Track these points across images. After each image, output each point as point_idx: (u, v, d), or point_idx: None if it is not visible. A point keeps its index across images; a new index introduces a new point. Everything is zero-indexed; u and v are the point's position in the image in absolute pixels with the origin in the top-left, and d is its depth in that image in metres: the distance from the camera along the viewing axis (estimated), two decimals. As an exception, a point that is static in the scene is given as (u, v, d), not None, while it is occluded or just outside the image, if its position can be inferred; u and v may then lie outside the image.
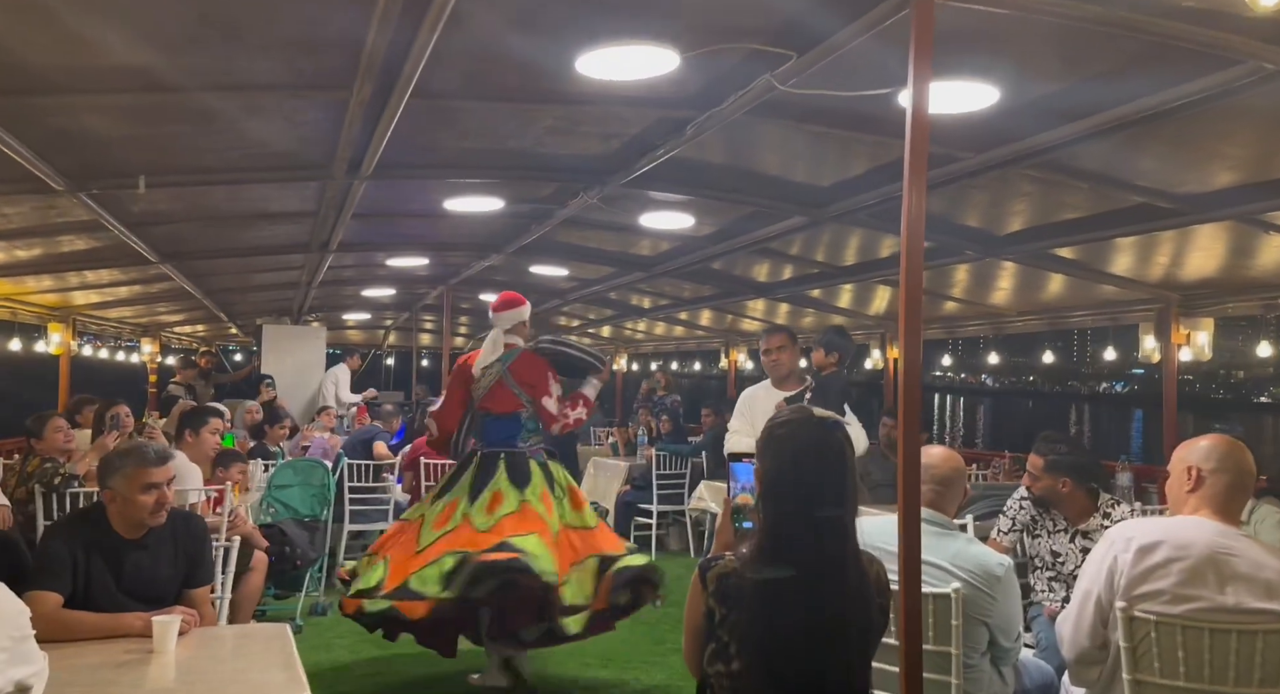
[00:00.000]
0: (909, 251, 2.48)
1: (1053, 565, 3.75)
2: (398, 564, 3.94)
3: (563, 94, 3.37)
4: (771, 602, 1.80)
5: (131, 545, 2.71)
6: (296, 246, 6.46)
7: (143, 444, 2.82)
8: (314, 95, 3.16)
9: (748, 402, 4.61)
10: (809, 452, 1.89)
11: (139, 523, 2.72)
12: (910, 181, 2.48)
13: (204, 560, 2.88)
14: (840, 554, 1.85)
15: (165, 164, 3.92)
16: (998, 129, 3.54)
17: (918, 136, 2.45)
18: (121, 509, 2.69)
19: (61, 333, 7.89)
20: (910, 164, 2.47)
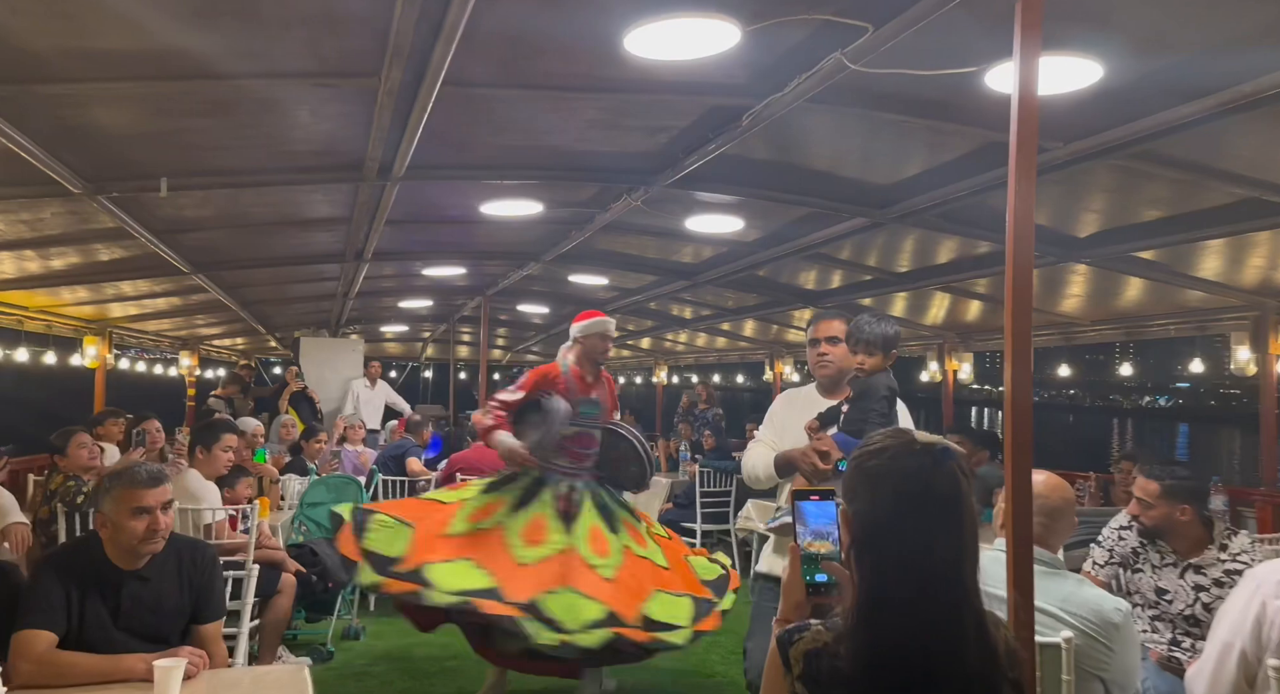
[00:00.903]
0: (1017, 254, 2.14)
1: (1157, 604, 3.33)
2: (421, 539, 3.69)
3: (608, 80, 3.08)
4: (879, 687, 1.41)
5: (130, 577, 2.45)
6: (331, 256, 6.26)
7: (134, 464, 2.56)
8: (340, 83, 2.91)
9: (786, 406, 3.31)
10: (916, 490, 1.42)
11: (134, 551, 2.46)
12: (1017, 173, 2.13)
13: (213, 593, 2.61)
14: (960, 621, 1.42)
15: (186, 165, 3.71)
16: (1095, 113, 3.16)
17: (1025, 119, 2.11)
18: (113, 536, 2.44)
19: (97, 346, 7.79)
20: (1017, 153, 2.12)
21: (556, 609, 3.46)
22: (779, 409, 3.25)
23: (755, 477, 3.13)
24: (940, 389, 8.20)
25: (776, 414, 3.25)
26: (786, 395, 3.34)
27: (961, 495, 1.43)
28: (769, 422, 3.24)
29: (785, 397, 3.33)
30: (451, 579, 3.50)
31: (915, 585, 1.38)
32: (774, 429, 3.20)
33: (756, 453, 3.13)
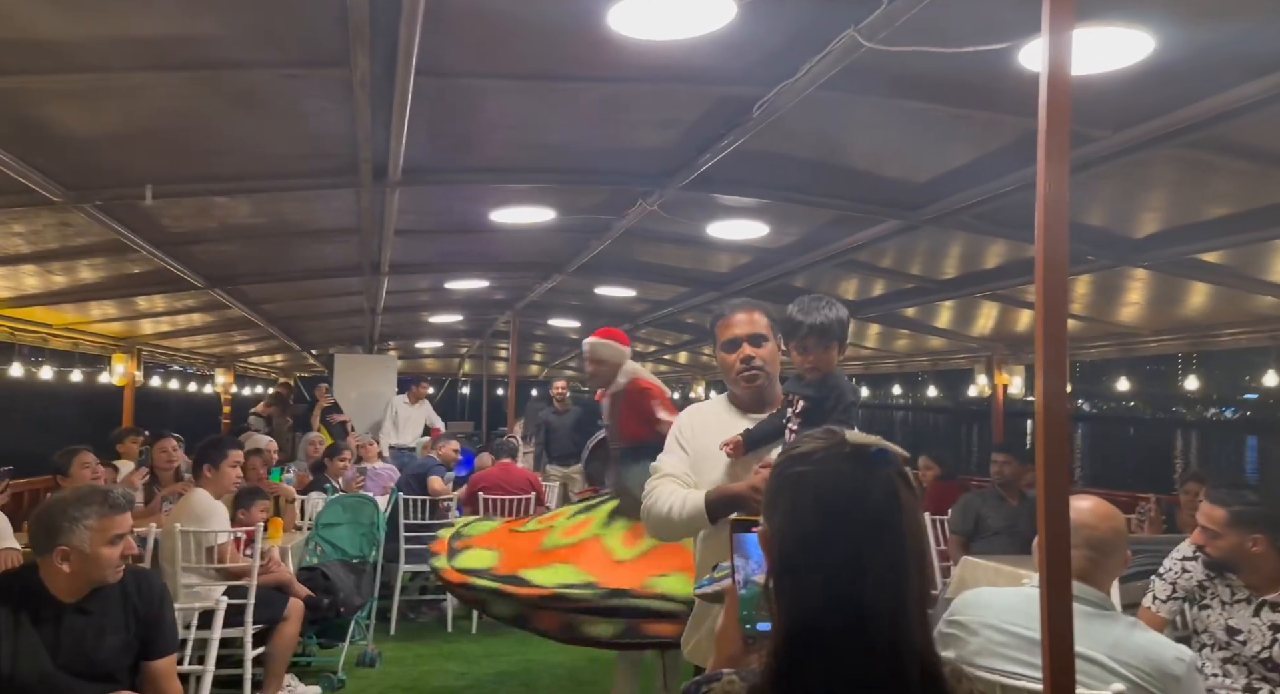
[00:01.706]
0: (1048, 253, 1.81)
1: (1228, 645, 2.93)
2: (512, 555, 3.70)
3: (599, 66, 2.84)
4: None
5: (71, 611, 2.26)
6: (348, 269, 6.14)
7: (102, 489, 2.38)
8: (308, 74, 2.72)
9: (698, 428, 2.48)
10: (843, 501, 1.11)
11: (91, 582, 2.28)
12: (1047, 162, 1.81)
13: (163, 625, 2.41)
14: (900, 668, 1.07)
15: (168, 171, 3.57)
16: (1149, 95, 2.81)
17: (1056, 99, 1.79)
18: (79, 567, 2.25)
19: (125, 363, 7.80)
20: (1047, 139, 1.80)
21: (665, 587, 3.30)
22: (688, 431, 2.43)
23: (669, 522, 2.30)
24: (989, 404, 7.75)
25: (686, 438, 2.43)
26: (693, 413, 2.55)
27: (900, 507, 1.11)
28: (673, 448, 2.43)
29: (692, 415, 2.53)
30: (546, 578, 3.46)
31: (843, 621, 1.06)
32: (685, 458, 2.40)
33: (668, 491, 2.30)
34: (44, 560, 2.27)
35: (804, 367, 2.31)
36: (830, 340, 2.30)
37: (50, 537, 2.26)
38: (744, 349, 2.39)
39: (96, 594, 2.29)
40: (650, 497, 2.35)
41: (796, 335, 2.32)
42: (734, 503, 2.19)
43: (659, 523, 2.34)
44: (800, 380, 2.32)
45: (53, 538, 2.25)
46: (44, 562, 2.27)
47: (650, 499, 2.34)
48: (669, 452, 2.44)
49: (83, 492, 2.36)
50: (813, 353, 2.29)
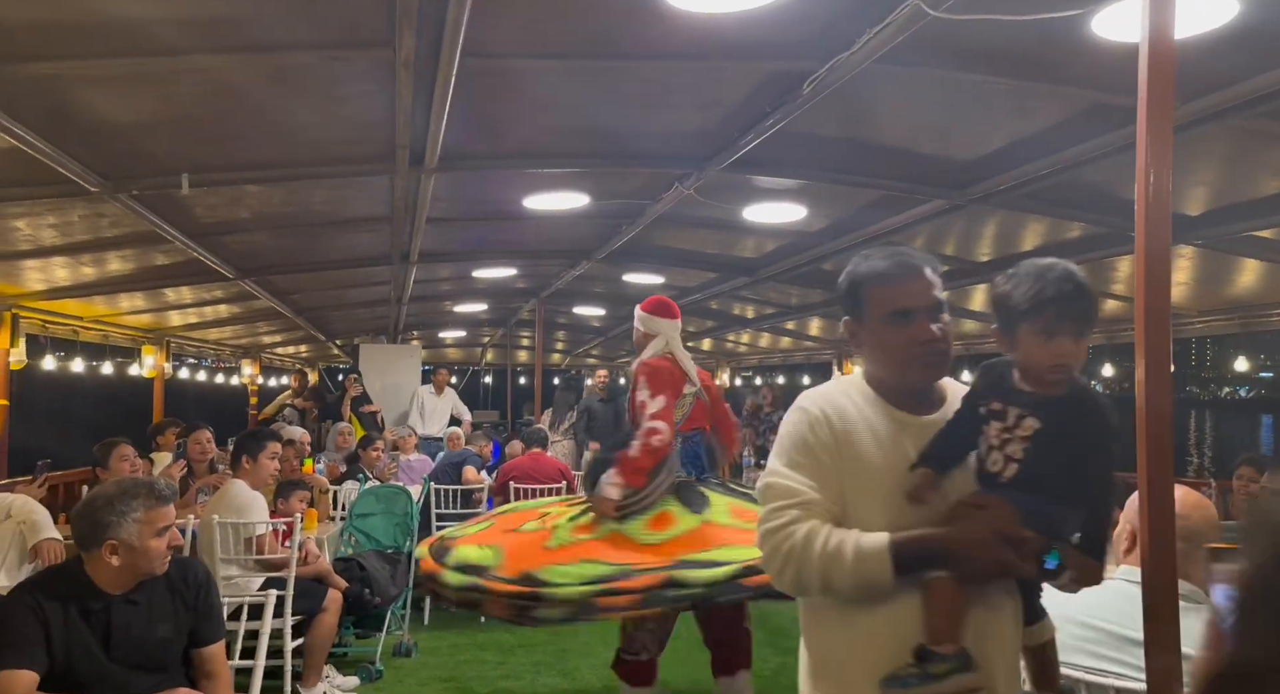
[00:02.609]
0: (1149, 238, 1.72)
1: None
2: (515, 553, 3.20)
3: (649, 44, 2.75)
4: None
5: (120, 602, 2.24)
6: (378, 258, 6.09)
7: (146, 481, 2.34)
8: (351, 56, 2.64)
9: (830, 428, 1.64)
10: None
11: (139, 575, 2.25)
12: (1150, 136, 1.71)
13: (211, 612, 2.39)
14: None
15: (205, 159, 3.51)
16: (1225, 62, 2.68)
17: (1158, 64, 1.68)
18: (127, 561, 2.22)
19: (155, 355, 7.81)
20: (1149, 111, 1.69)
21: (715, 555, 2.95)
22: (825, 434, 1.60)
23: (826, 577, 1.52)
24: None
25: (825, 443, 1.60)
26: (826, 405, 1.65)
27: None
28: (803, 456, 1.60)
29: (825, 407, 1.64)
30: (568, 575, 2.98)
31: None
32: (826, 474, 1.58)
33: (814, 532, 1.52)
34: (91, 555, 2.23)
35: (1040, 362, 1.54)
36: (1090, 326, 1.58)
37: (97, 531, 2.22)
38: (922, 324, 1.60)
39: (143, 586, 2.27)
40: (783, 537, 1.53)
41: (1041, 312, 1.53)
42: (936, 554, 1.49)
43: (811, 576, 1.51)
44: (1026, 382, 1.57)
45: (100, 532, 2.21)
46: (90, 556, 2.23)
47: (788, 541, 1.52)
48: (793, 462, 1.59)
49: (127, 485, 2.32)
50: (1066, 343, 1.53)
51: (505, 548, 3.25)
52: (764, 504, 1.63)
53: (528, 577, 3.01)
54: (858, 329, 1.71)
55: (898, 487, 1.56)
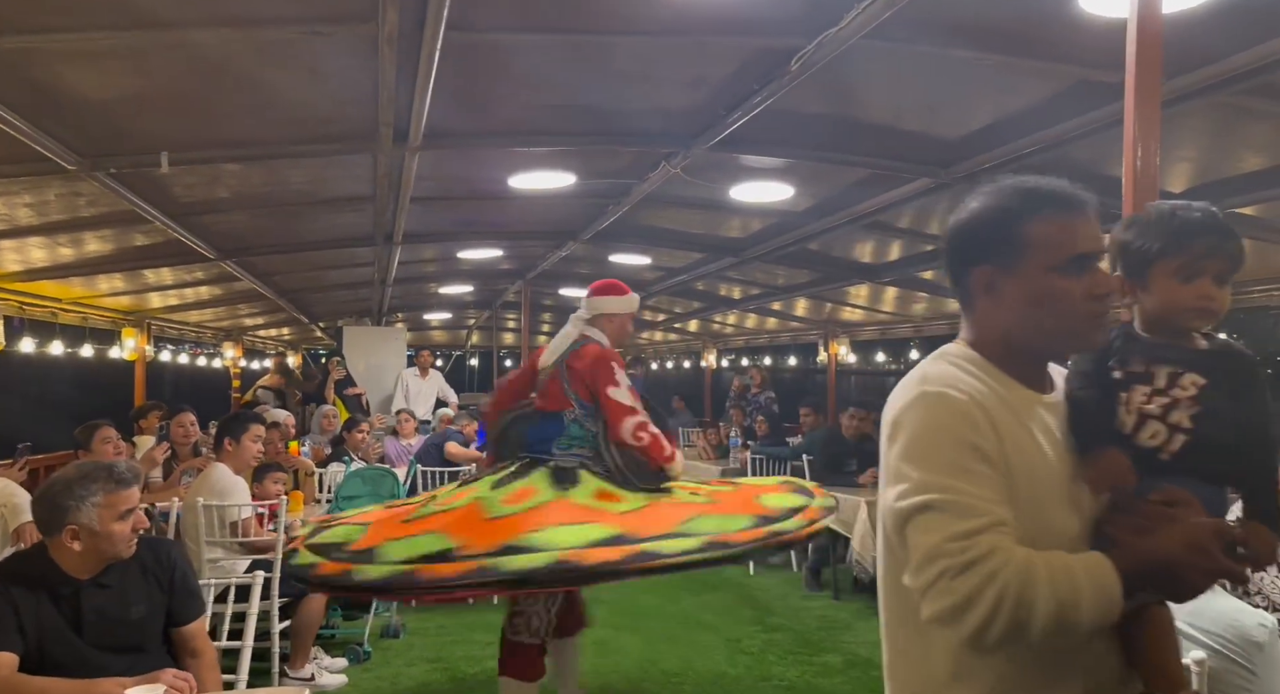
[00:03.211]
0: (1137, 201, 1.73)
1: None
2: (377, 528, 3.07)
3: (636, 18, 2.72)
4: None
5: (89, 586, 2.21)
6: (361, 239, 6.03)
7: (106, 464, 2.30)
8: (333, 31, 2.60)
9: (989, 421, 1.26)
10: None
11: (105, 559, 2.22)
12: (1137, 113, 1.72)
13: (187, 590, 2.37)
14: None
15: (185, 137, 3.45)
16: (1210, 38, 2.69)
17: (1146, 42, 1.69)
18: (90, 545, 2.19)
19: (136, 338, 7.72)
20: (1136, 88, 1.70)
21: (539, 540, 2.79)
22: (986, 430, 1.25)
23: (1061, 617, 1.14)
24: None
25: (988, 441, 1.24)
26: (968, 390, 1.28)
27: None
28: (965, 462, 1.22)
29: (968, 396, 1.27)
30: (401, 550, 2.82)
31: None
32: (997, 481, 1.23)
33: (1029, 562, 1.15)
34: (53, 540, 2.20)
35: (1182, 306, 1.34)
36: (1235, 270, 1.39)
37: (56, 516, 2.18)
38: (1101, 272, 1.30)
39: (113, 568, 2.23)
40: (986, 577, 1.14)
41: (1182, 249, 1.35)
42: (1158, 572, 1.18)
43: (1037, 619, 1.13)
44: (1163, 335, 1.37)
45: (60, 517, 2.17)
46: (53, 541, 2.20)
47: (997, 581, 1.13)
48: (957, 468, 1.21)
49: (86, 468, 2.27)
50: (1210, 285, 1.35)
51: (371, 523, 3.14)
52: (923, 536, 1.18)
53: (368, 552, 2.86)
54: (1003, 280, 1.30)
55: (1068, 483, 1.27)
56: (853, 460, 6.45)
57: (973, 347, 1.35)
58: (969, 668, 1.24)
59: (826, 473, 6.46)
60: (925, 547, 1.18)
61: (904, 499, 1.21)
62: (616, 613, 5.57)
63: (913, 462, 1.23)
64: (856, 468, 6.36)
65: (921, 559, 1.18)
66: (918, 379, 1.30)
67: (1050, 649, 1.20)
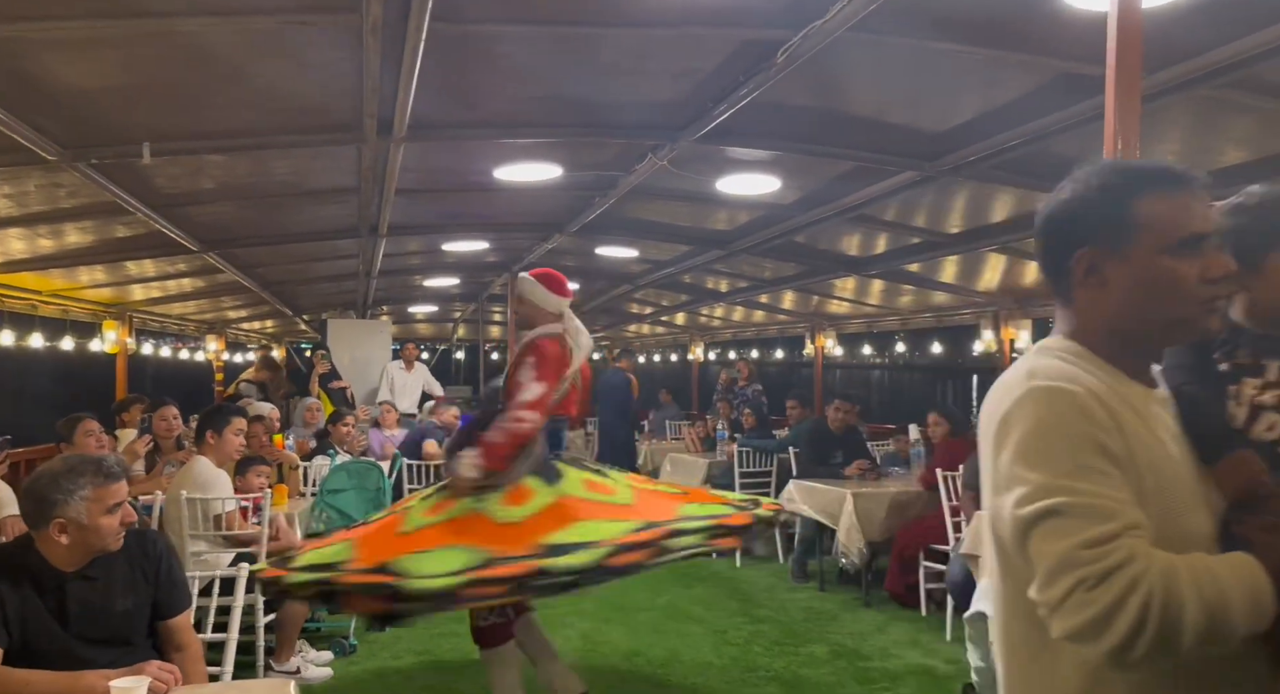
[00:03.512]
0: None
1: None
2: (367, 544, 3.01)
3: (622, 9, 2.71)
4: None
5: (74, 579, 2.19)
6: (345, 231, 5.99)
7: (94, 458, 2.28)
8: (317, 21, 2.58)
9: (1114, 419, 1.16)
10: None
11: (92, 552, 2.21)
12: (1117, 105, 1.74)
13: (174, 583, 2.35)
14: None
15: (168, 128, 3.42)
16: (1192, 32, 2.71)
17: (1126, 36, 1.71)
18: (77, 539, 2.17)
19: (117, 330, 7.64)
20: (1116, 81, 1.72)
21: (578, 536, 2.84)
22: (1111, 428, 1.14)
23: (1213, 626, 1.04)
24: (992, 360, 7.73)
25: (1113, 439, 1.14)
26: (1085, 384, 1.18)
27: None
28: (1094, 464, 1.11)
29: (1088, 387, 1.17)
30: (428, 565, 2.77)
31: None
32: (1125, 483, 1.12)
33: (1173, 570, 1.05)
34: (40, 533, 2.18)
35: None
36: None
37: (44, 509, 2.16)
38: (1217, 255, 1.22)
39: (99, 561, 2.22)
40: (1127, 585, 1.04)
41: None
42: None
43: (1186, 630, 1.04)
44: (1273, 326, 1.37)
45: (47, 510, 2.16)
46: (40, 534, 2.18)
47: (1139, 589, 1.04)
48: (1085, 468, 1.11)
49: (73, 462, 2.25)
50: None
51: (356, 539, 3.09)
52: (1051, 544, 1.07)
53: (384, 567, 2.79)
54: (1109, 264, 1.21)
55: (1196, 482, 1.20)
56: (838, 452, 6.49)
57: (1074, 338, 1.25)
58: (1104, 687, 1.13)
59: (812, 465, 6.49)
60: (1054, 556, 1.07)
61: (1025, 505, 1.09)
62: (604, 607, 5.58)
63: (1030, 464, 1.11)
64: (842, 460, 6.39)
65: (1051, 570, 1.06)
66: (1024, 374, 1.18)
67: (1193, 661, 1.08)
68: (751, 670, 4.49)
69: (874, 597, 5.69)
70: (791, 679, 4.34)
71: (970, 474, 5.16)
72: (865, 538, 5.55)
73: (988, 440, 1.17)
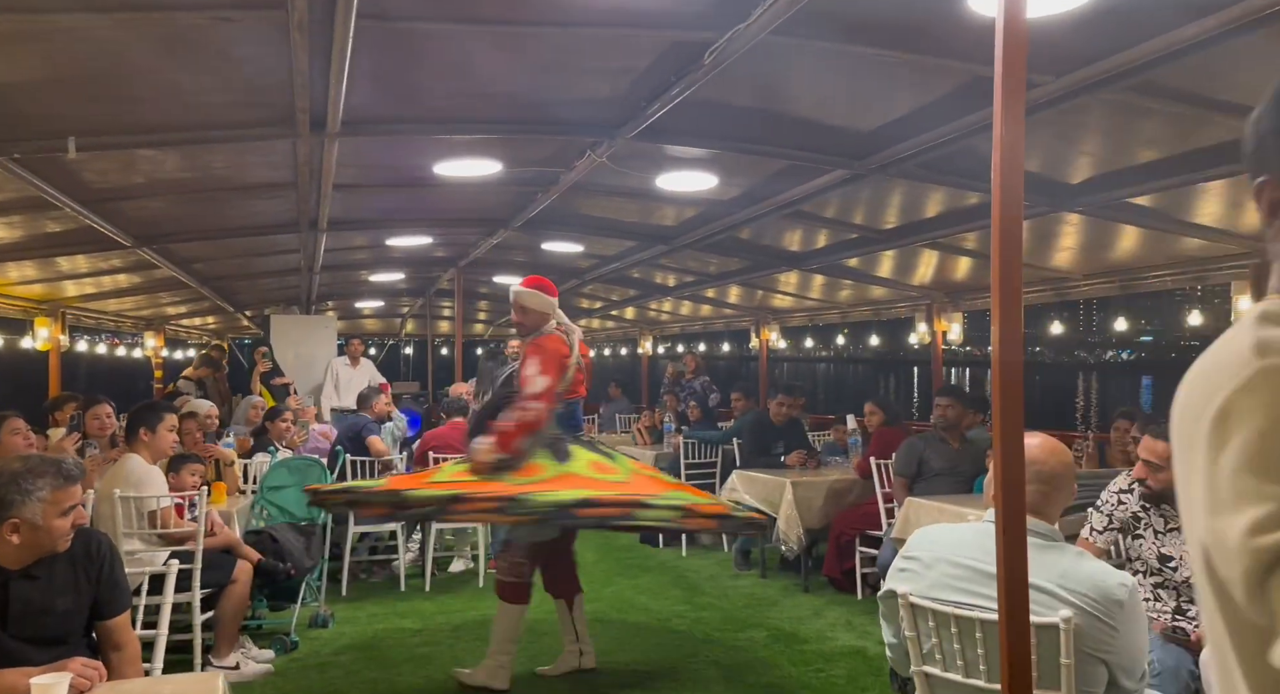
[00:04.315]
0: (1005, 197, 1.86)
1: (1160, 571, 3.11)
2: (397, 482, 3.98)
3: (551, 9, 2.76)
4: None
5: (16, 577, 2.20)
6: (284, 226, 5.93)
7: (54, 460, 2.29)
8: (242, 18, 2.58)
9: None
10: None
11: (41, 552, 2.21)
12: (1004, 105, 1.85)
13: (115, 584, 2.36)
14: None
15: (94, 122, 3.37)
16: (1091, 39, 2.86)
17: (1012, 40, 1.82)
18: (29, 539, 2.18)
19: (49, 327, 7.45)
20: (1004, 80, 1.84)
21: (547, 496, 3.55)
22: None
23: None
24: (929, 351, 7.96)
25: None
26: None
27: None
28: None
29: None
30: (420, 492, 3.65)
31: None
32: None
33: None
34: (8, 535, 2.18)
35: None
36: None
37: (0, 510, 2.16)
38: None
39: (42, 560, 2.23)
40: None
41: None
42: None
43: None
44: None
45: (3, 511, 2.16)
46: (9, 536, 2.18)
47: None
48: None
49: (34, 462, 2.27)
50: None
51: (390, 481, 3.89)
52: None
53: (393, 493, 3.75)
54: None
55: None
56: (780, 443, 6.65)
57: None
58: None
59: (754, 456, 6.64)
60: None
61: (1264, 534, 0.74)
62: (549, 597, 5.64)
63: (1272, 472, 0.76)
64: (784, 450, 6.56)
65: None
66: (1251, 348, 0.80)
67: None
68: (693, 656, 4.60)
69: (812, 582, 5.85)
70: (731, 664, 4.46)
71: (901, 462, 5.34)
72: (804, 525, 5.70)
73: (1194, 440, 0.83)
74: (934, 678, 2.21)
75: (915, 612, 2.20)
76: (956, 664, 2.14)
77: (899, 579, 2.29)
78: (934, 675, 2.21)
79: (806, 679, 4.26)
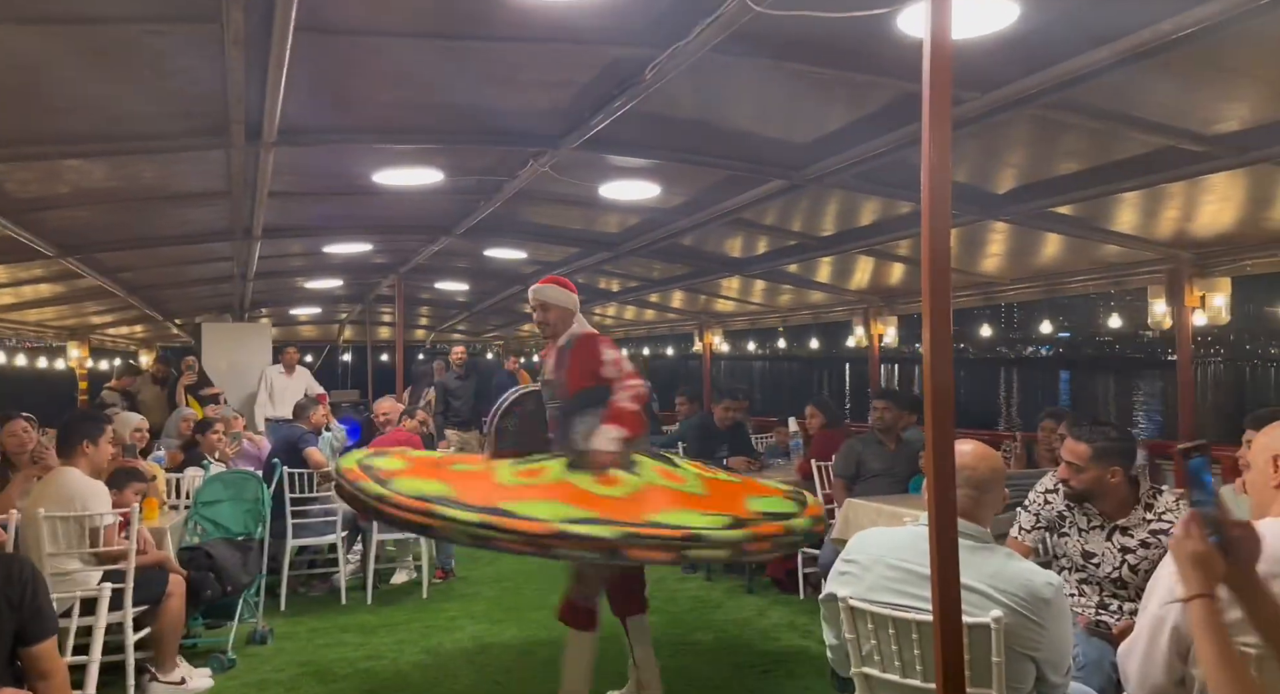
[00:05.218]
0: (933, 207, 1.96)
1: (1084, 567, 3.25)
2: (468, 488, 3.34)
3: (492, 23, 2.77)
4: None
5: None
6: (216, 234, 5.79)
7: None
8: (173, 30, 2.53)
9: None
10: None
11: None
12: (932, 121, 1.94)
13: (39, 610, 2.28)
14: None
15: (14, 133, 3.25)
16: (1014, 60, 2.99)
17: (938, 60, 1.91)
18: None
19: (-36, 340, 7.12)
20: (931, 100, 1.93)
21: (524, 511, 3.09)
22: None
23: None
24: (866, 353, 8.16)
25: None
26: None
27: None
28: None
29: None
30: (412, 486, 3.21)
31: None
32: None
33: None
34: None
35: None
36: None
37: None
38: None
39: None
40: None
41: None
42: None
43: None
44: None
45: None
46: None
47: None
48: None
49: None
50: None
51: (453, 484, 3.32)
52: None
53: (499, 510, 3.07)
54: None
55: None
56: (724, 447, 6.73)
57: None
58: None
59: (699, 459, 6.70)
60: None
61: None
62: (496, 608, 5.63)
63: None
64: (728, 453, 6.64)
65: None
66: None
67: None
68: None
69: (756, 583, 5.94)
70: (677, 668, 4.50)
71: (840, 464, 5.47)
72: (747, 528, 5.78)
73: None
74: (873, 678, 2.29)
75: (855, 614, 2.27)
76: (894, 665, 2.22)
77: (839, 582, 2.36)
78: (873, 676, 2.28)
79: (752, 683, 4.34)
